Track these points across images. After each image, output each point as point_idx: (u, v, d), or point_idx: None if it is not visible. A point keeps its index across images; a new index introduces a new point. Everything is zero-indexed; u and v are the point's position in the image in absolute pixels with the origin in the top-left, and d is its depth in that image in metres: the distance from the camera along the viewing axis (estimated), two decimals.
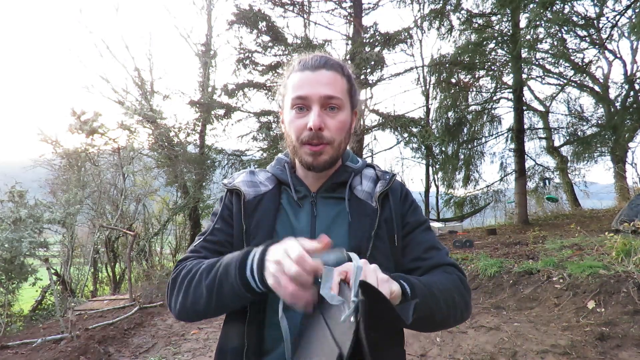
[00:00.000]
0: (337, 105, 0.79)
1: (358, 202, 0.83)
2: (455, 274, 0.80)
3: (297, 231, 0.81)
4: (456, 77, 10.23)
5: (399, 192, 0.88)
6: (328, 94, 0.78)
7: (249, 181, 0.89)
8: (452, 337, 3.31)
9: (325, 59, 0.81)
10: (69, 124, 7.50)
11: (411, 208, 0.87)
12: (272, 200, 0.85)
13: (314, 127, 0.76)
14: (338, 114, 0.80)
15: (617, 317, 3.20)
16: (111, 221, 8.74)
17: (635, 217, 5.30)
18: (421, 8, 10.50)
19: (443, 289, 0.73)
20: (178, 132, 10.21)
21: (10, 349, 3.63)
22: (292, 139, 0.81)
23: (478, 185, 11.61)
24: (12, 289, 5.39)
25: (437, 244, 0.84)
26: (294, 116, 0.80)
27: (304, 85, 0.78)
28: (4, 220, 4.86)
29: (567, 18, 7.66)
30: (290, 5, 9.55)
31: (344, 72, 0.83)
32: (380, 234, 0.80)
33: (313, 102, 0.78)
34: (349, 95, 0.83)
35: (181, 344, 3.72)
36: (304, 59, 0.82)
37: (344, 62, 0.85)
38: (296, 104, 0.79)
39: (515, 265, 4.69)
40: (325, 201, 0.85)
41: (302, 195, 0.86)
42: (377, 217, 0.81)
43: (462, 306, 0.76)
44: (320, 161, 0.80)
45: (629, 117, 8.51)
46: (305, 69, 0.80)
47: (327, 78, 0.79)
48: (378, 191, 0.84)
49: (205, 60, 10.81)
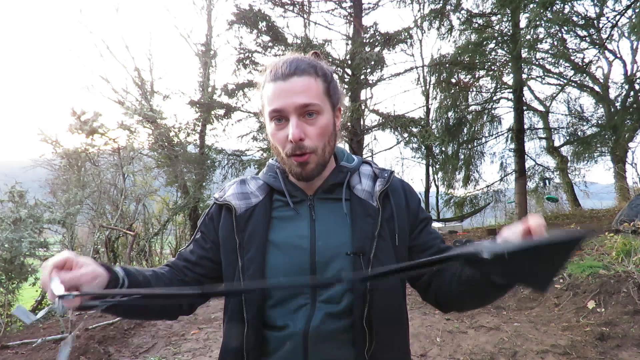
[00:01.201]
0: (315, 111, 0.77)
1: (359, 202, 0.82)
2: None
3: (296, 237, 0.79)
4: (456, 77, 10.23)
5: (400, 190, 0.88)
6: (302, 102, 0.75)
7: (240, 193, 0.87)
8: (452, 337, 3.31)
9: (296, 65, 0.77)
10: (69, 124, 7.50)
11: (418, 205, 0.89)
12: (263, 211, 0.83)
13: (293, 140, 0.75)
14: (317, 119, 0.77)
15: (617, 317, 3.20)
16: (111, 221, 8.74)
17: (635, 217, 5.30)
18: (421, 8, 10.50)
19: None
20: (178, 132, 10.21)
21: (10, 349, 3.64)
22: (279, 151, 0.80)
23: (478, 185, 11.62)
24: (12, 289, 5.39)
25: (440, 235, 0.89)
26: (274, 129, 0.79)
27: (277, 97, 0.76)
28: (4, 220, 4.86)
29: (567, 18, 7.65)
30: (290, 5, 9.56)
31: (318, 72, 0.79)
32: (383, 233, 0.79)
33: (289, 113, 0.76)
34: (327, 95, 0.80)
35: (181, 344, 3.72)
36: (275, 68, 0.79)
37: (316, 61, 0.81)
38: (274, 117, 0.78)
39: None
40: (323, 203, 0.84)
41: (298, 199, 0.84)
42: (379, 217, 0.80)
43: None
44: (308, 170, 0.79)
45: (629, 117, 8.50)
46: (277, 79, 0.77)
47: (300, 85, 0.76)
48: (378, 190, 0.83)
49: (205, 60, 10.81)
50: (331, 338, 0.73)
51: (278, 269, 0.78)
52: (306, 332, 0.73)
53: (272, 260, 0.78)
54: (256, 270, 0.77)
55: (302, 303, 0.76)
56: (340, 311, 0.74)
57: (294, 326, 0.74)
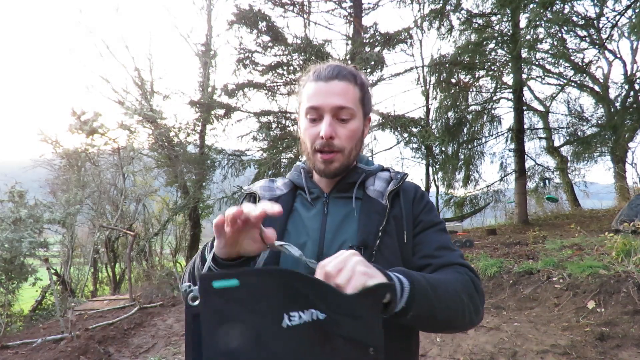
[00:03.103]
0: (349, 114, 0.83)
1: (369, 200, 0.86)
2: (467, 274, 0.78)
3: (308, 229, 0.85)
4: (456, 77, 10.22)
5: (412, 193, 0.90)
6: (339, 104, 0.82)
7: (267, 187, 0.96)
8: (452, 337, 3.31)
9: (338, 70, 0.84)
10: (69, 124, 7.51)
11: (425, 208, 0.88)
12: (285, 203, 0.90)
13: (325, 136, 0.81)
14: (349, 123, 0.84)
15: (617, 317, 3.21)
16: (111, 221, 8.75)
17: (635, 217, 5.30)
18: (421, 8, 10.48)
19: (450, 288, 0.71)
20: (178, 132, 10.21)
21: (10, 349, 3.64)
22: (306, 145, 0.87)
23: (478, 185, 11.61)
24: (12, 289, 5.40)
25: (450, 245, 0.84)
26: (307, 124, 0.85)
27: (316, 96, 0.83)
28: (4, 220, 4.86)
29: (567, 18, 7.65)
30: (290, 5, 9.56)
31: (357, 81, 0.86)
32: (389, 230, 0.81)
33: (325, 112, 0.82)
34: (361, 104, 0.87)
35: (181, 344, 3.72)
36: (318, 69, 0.86)
37: (357, 71, 0.88)
38: (309, 113, 0.84)
39: (515, 265, 4.69)
40: (337, 201, 0.89)
41: (315, 196, 0.91)
42: (386, 213, 0.83)
43: (470, 309, 0.73)
44: (332, 168, 0.85)
45: (629, 117, 8.50)
46: (319, 79, 0.84)
47: (339, 89, 0.83)
48: (389, 189, 0.87)
49: (205, 60, 10.81)
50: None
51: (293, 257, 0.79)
52: None
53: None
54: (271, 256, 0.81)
55: None
56: None
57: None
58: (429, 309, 0.66)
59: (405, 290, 0.63)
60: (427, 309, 0.65)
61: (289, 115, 10.32)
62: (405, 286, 0.63)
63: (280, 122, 10.09)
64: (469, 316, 0.73)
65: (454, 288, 0.72)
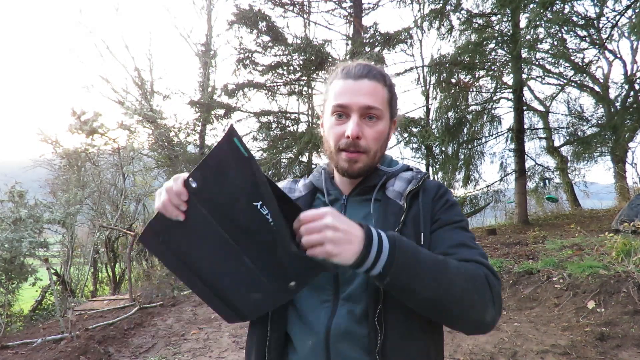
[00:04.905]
0: (376, 115, 0.81)
1: (386, 201, 0.83)
2: (482, 270, 0.71)
3: None
4: (456, 77, 10.21)
5: (433, 192, 0.86)
6: (368, 104, 0.80)
7: (287, 188, 0.95)
8: (452, 337, 3.31)
9: (369, 69, 0.82)
10: (69, 124, 7.52)
11: (445, 206, 0.84)
12: (303, 204, 0.88)
13: (351, 136, 0.79)
14: (376, 124, 0.82)
15: (617, 317, 3.20)
16: (111, 221, 8.74)
17: (635, 217, 5.30)
18: (421, 8, 10.48)
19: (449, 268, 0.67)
20: (178, 132, 10.21)
21: (10, 349, 3.64)
22: (330, 144, 0.84)
23: (478, 185, 11.59)
24: (12, 289, 5.40)
25: (469, 243, 0.78)
26: (333, 123, 0.83)
27: (345, 94, 0.81)
28: (4, 220, 4.86)
29: (567, 18, 7.65)
30: (290, 5, 9.56)
31: (386, 82, 0.84)
32: (405, 232, 0.78)
33: (353, 111, 0.80)
34: (389, 105, 0.85)
35: (181, 344, 3.72)
36: (348, 67, 0.84)
37: (386, 72, 0.86)
38: (336, 111, 0.82)
39: (515, 265, 4.69)
40: (355, 203, 0.87)
41: (333, 198, 0.89)
42: (403, 215, 0.79)
43: (475, 301, 0.67)
44: (355, 168, 0.82)
45: (629, 117, 8.49)
46: (348, 77, 0.82)
47: (368, 88, 0.81)
48: (407, 190, 0.83)
49: (205, 60, 10.82)
50: (350, 337, 0.73)
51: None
52: (328, 330, 0.73)
53: None
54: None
55: (325, 299, 0.77)
56: (360, 310, 0.74)
57: (317, 323, 0.75)
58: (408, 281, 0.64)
59: (383, 257, 0.63)
60: (407, 280, 0.64)
61: (289, 115, 10.32)
62: (383, 252, 0.63)
63: (280, 122, 10.10)
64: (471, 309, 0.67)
65: (454, 271, 0.67)
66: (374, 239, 0.64)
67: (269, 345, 0.78)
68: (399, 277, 0.63)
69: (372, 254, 0.62)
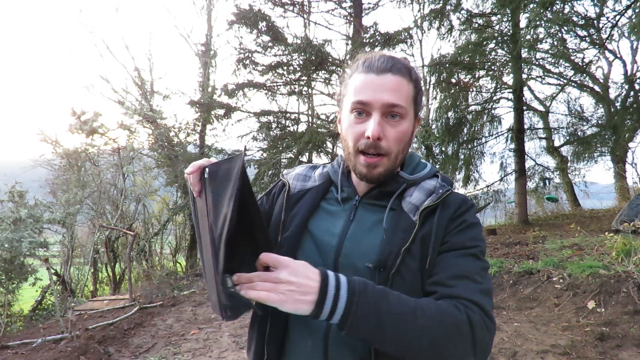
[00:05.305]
0: (400, 114, 0.74)
1: (400, 213, 0.76)
2: (468, 314, 0.63)
3: (328, 233, 0.79)
4: (456, 77, 10.21)
5: (453, 209, 0.75)
6: (391, 101, 0.72)
7: (303, 175, 0.91)
8: None
9: (393, 62, 0.74)
10: (69, 124, 7.51)
11: (459, 227, 0.74)
12: (313, 197, 0.84)
13: (372, 137, 0.72)
14: (400, 123, 0.74)
15: (617, 317, 3.21)
16: (111, 221, 8.74)
17: (635, 217, 5.30)
18: (421, 8, 10.49)
19: (421, 322, 0.61)
20: (178, 132, 10.21)
21: (10, 349, 3.63)
22: (348, 144, 0.77)
23: (478, 185, 11.58)
24: (12, 289, 5.40)
25: (472, 275, 0.69)
26: (352, 121, 0.76)
27: (366, 89, 0.73)
28: (4, 220, 4.86)
29: (567, 18, 7.65)
30: (290, 5, 9.56)
31: (412, 76, 0.76)
32: (413, 250, 0.71)
33: (374, 109, 0.73)
34: (413, 102, 0.77)
35: (181, 344, 3.72)
36: (370, 59, 0.76)
37: (412, 66, 0.78)
38: (356, 108, 0.75)
39: (515, 265, 4.69)
40: (368, 208, 0.80)
41: (346, 196, 0.83)
42: (413, 232, 0.72)
43: (451, 357, 0.62)
44: (375, 174, 0.76)
45: (629, 117, 8.49)
46: (370, 71, 0.74)
47: (393, 84, 0.73)
48: (425, 205, 0.74)
49: (205, 60, 10.81)
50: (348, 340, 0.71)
51: (310, 257, 0.75)
52: (327, 332, 0.72)
53: (307, 247, 0.79)
54: (288, 252, 0.76)
55: None
56: None
57: (317, 324, 0.73)
58: (368, 334, 0.61)
59: (339, 310, 0.60)
60: (366, 333, 0.61)
61: (289, 115, 10.32)
62: (339, 305, 0.60)
63: (280, 122, 10.10)
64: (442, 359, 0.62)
65: (425, 322, 0.61)
66: (329, 292, 0.60)
67: (269, 337, 0.77)
68: (357, 330, 0.60)
69: (326, 307, 0.60)
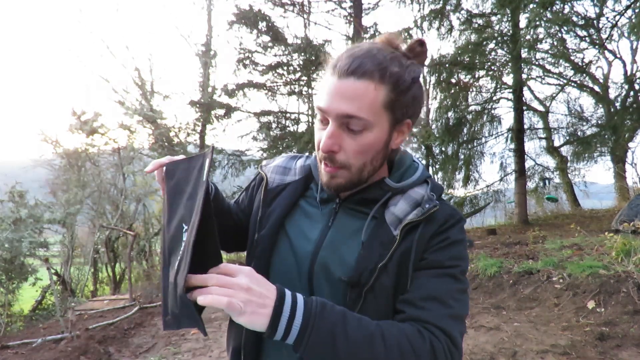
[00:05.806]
0: (360, 126, 0.64)
1: (381, 224, 0.70)
2: (432, 342, 0.59)
3: (305, 237, 0.74)
4: (456, 77, 10.22)
5: (438, 224, 0.68)
6: (346, 112, 0.63)
7: (282, 167, 0.84)
8: None
9: (359, 63, 0.63)
10: (69, 124, 7.51)
11: (441, 244, 0.68)
12: (292, 194, 0.78)
13: (322, 150, 0.66)
14: (361, 135, 0.65)
15: (617, 317, 3.21)
16: (111, 221, 8.74)
17: (635, 217, 5.30)
18: (421, 8, 10.48)
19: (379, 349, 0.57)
20: (178, 132, 10.21)
21: (10, 349, 3.64)
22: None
23: (478, 185, 11.59)
24: (12, 289, 5.40)
25: (444, 298, 0.63)
26: (317, 126, 0.70)
27: (325, 95, 0.65)
28: (4, 220, 4.87)
29: (567, 18, 7.65)
30: (290, 5, 9.57)
31: (385, 78, 0.63)
32: (390, 267, 0.66)
33: (330, 118, 0.65)
34: (386, 109, 0.65)
35: (181, 344, 3.72)
36: (338, 59, 0.67)
37: (394, 61, 0.65)
38: (319, 114, 0.68)
39: (515, 265, 4.69)
40: (348, 213, 0.74)
41: (326, 197, 0.76)
42: (392, 249, 0.66)
43: None
44: (333, 184, 0.69)
45: (629, 117, 8.50)
46: (334, 73, 0.65)
47: (352, 91, 0.62)
48: (408, 220, 0.68)
49: (205, 60, 10.81)
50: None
51: (286, 261, 0.73)
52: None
53: (283, 249, 0.75)
54: (264, 251, 0.74)
55: None
56: None
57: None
58: (323, 359, 0.57)
59: (293, 332, 0.56)
60: (322, 358, 0.57)
61: (289, 115, 10.33)
62: (294, 326, 0.56)
63: (280, 122, 10.11)
64: None
65: (382, 349, 0.57)
66: (284, 312, 0.56)
67: (246, 339, 0.74)
68: (311, 353, 0.56)
69: (280, 327, 0.55)
